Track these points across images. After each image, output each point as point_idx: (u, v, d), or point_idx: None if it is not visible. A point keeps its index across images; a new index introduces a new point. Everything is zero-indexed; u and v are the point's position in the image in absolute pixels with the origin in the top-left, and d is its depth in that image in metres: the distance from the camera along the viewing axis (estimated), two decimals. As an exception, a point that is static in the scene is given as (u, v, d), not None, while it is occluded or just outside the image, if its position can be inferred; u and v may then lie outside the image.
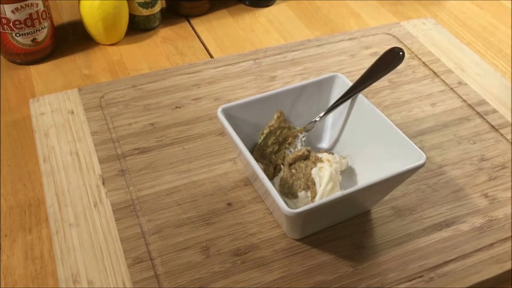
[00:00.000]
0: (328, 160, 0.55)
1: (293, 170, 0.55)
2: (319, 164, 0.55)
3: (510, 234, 0.55)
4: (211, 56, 0.81)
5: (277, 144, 0.58)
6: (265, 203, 0.56)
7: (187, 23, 0.88)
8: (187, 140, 0.63)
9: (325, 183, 0.53)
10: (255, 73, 0.73)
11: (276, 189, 0.50)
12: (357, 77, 0.59)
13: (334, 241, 0.53)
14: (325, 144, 0.62)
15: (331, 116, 0.60)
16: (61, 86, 0.72)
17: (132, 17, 0.82)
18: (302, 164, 0.55)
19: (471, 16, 0.94)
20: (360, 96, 0.58)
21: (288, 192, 0.54)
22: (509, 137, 0.66)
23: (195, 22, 0.88)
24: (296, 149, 0.58)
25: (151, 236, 0.52)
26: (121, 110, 0.66)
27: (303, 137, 0.59)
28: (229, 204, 0.56)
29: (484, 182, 0.60)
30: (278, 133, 0.58)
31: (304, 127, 0.59)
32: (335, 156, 0.56)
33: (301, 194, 0.54)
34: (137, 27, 0.84)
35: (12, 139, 0.65)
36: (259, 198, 0.57)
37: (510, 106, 0.71)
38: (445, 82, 0.74)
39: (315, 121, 0.59)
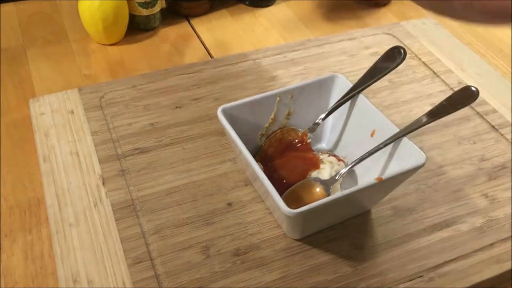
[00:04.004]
0: (330, 162, 0.55)
1: None
2: (321, 165, 0.55)
3: (510, 234, 0.55)
4: (211, 56, 0.81)
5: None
6: (265, 203, 0.56)
7: (187, 23, 0.88)
8: (187, 140, 0.63)
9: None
10: (255, 73, 0.73)
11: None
12: (357, 77, 0.59)
13: (334, 241, 0.53)
14: (325, 144, 0.62)
15: (331, 116, 0.60)
16: (61, 86, 0.72)
17: (132, 17, 0.82)
18: None
19: (471, 16, 0.94)
20: (361, 96, 0.58)
21: None
22: (509, 137, 0.66)
23: (195, 22, 0.88)
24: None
25: (151, 236, 0.52)
26: (121, 110, 0.66)
27: (308, 138, 0.59)
28: (229, 204, 0.56)
29: (484, 182, 0.60)
30: (284, 135, 0.59)
31: (308, 129, 0.59)
32: (339, 163, 0.56)
33: None
34: (137, 27, 0.84)
35: (12, 139, 0.65)
36: (259, 198, 0.57)
37: (510, 106, 0.71)
38: (445, 82, 0.74)
39: (318, 123, 0.58)
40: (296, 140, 0.59)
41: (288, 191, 0.54)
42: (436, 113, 0.54)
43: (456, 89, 0.73)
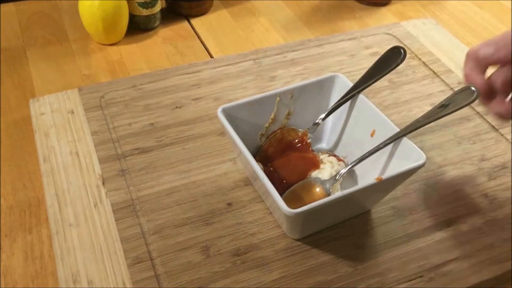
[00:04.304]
0: (330, 162, 0.55)
1: None
2: (321, 165, 0.55)
3: (510, 234, 0.55)
4: (211, 56, 0.81)
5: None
6: (265, 203, 0.56)
7: (187, 23, 0.88)
8: (187, 140, 0.63)
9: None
10: (255, 73, 0.73)
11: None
12: (357, 77, 0.59)
13: (334, 241, 0.53)
14: (325, 144, 0.62)
15: (331, 116, 0.60)
16: (61, 86, 0.72)
17: (132, 17, 0.82)
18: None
19: (471, 16, 0.94)
20: (361, 96, 0.58)
21: None
22: (509, 137, 0.66)
23: (195, 22, 0.88)
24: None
25: (151, 236, 0.52)
26: (121, 110, 0.66)
27: (308, 139, 0.59)
28: (229, 204, 0.56)
29: (484, 182, 0.60)
30: (284, 135, 0.59)
31: (308, 129, 0.59)
32: (339, 163, 0.56)
33: None
34: (137, 27, 0.84)
35: (12, 139, 0.65)
36: (259, 198, 0.57)
37: (510, 106, 0.71)
38: (445, 82, 0.74)
39: (318, 123, 0.58)
40: (296, 140, 0.59)
41: (288, 191, 0.54)
42: (436, 113, 0.54)
43: (456, 89, 0.73)
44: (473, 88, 0.53)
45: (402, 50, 0.59)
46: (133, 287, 0.48)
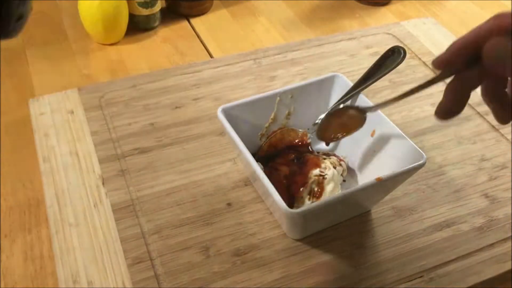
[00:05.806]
0: (332, 162, 0.55)
1: None
2: (322, 165, 0.55)
3: (510, 234, 0.55)
4: (211, 56, 0.81)
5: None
6: (265, 203, 0.56)
7: (187, 23, 0.88)
8: (187, 140, 0.63)
9: (325, 183, 0.53)
10: (255, 73, 0.73)
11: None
12: (357, 77, 0.59)
13: (334, 241, 0.53)
14: (325, 144, 0.62)
15: (331, 116, 0.59)
16: (61, 86, 0.72)
17: (132, 17, 0.82)
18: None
19: (472, 16, 0.94)
20: (361, 96, 0.57)
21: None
22: (509, 137, 0.66)
23: (195, 22, 0.88)
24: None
25: (151, 236, 0.52)
26: (121, 110, 0.66)
27: (308, 139, 0.59)
28: (229, 204, 0.56)
29: (484, 182, 0.60)
30: (284, 135, 0.59)
31: (308, 129, 0.59)
32: (340, 163, 0.56)
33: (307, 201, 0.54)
34: (137, 27, 0.84)
35: (12, 139, 0.65)
36: (259, 198, 0.57)
37: (510, 106, 0.71)
38: (445, 82, 0.74)
39: (318, 123, 0.58)
40: (296, 140, 0.59)
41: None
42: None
43: (456, 89, 0.73)
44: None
45: (402, 50, 0.59)
46: (133, 287, 0.48)
